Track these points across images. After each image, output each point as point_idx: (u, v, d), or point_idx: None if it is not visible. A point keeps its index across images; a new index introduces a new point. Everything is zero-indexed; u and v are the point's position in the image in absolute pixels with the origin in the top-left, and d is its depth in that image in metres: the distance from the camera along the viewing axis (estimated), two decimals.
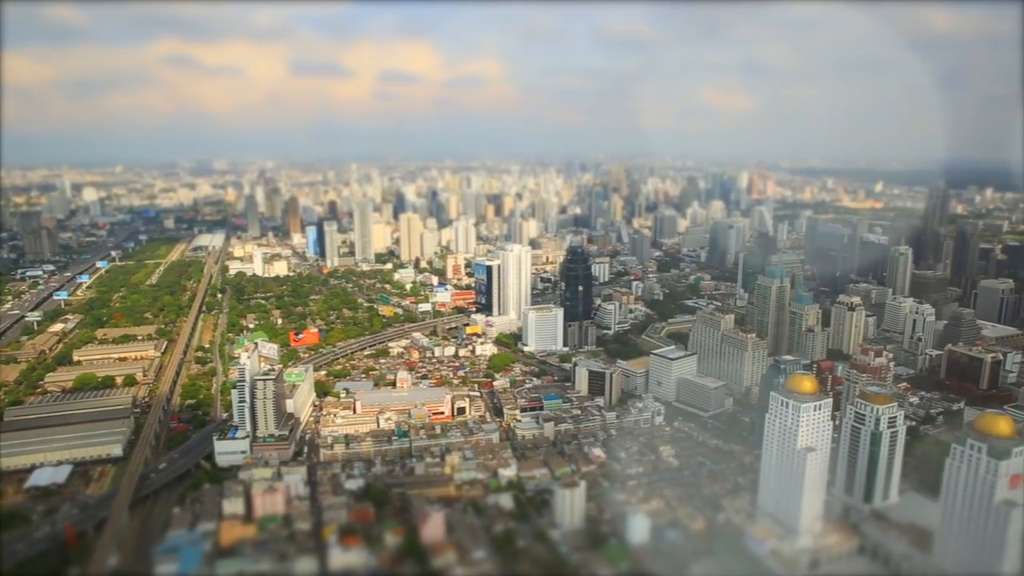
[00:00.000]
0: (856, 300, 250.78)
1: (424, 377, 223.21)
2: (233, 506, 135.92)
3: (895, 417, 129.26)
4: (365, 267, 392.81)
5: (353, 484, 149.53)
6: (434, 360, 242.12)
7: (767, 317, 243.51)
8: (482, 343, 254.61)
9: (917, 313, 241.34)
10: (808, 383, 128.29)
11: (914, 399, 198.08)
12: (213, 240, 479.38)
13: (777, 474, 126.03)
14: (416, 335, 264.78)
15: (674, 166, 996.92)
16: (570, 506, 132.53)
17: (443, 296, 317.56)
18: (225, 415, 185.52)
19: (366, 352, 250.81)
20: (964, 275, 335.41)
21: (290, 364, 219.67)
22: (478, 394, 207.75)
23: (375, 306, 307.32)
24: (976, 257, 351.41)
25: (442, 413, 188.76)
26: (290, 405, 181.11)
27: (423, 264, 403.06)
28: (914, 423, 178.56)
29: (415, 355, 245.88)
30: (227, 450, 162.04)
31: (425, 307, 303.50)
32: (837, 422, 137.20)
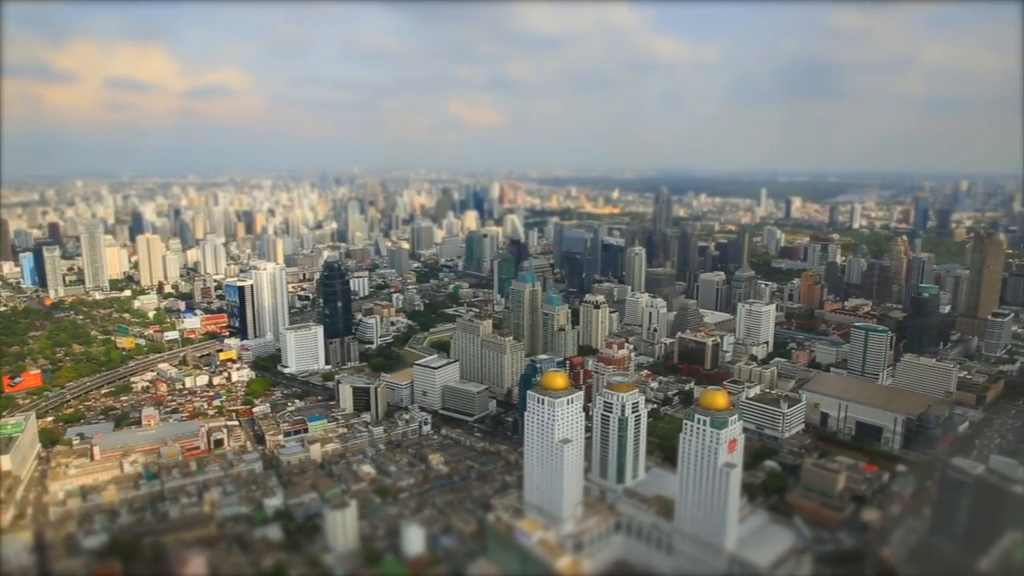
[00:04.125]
0: (600, 299, 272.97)
1: (175, 411, 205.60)
2: None
3: (637, 403, 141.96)
4: (98, 296, 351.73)
5: (94, 540, 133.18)
6: (185, 391, 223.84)
7: (522, 320, 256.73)
8: (238, 369, 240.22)
9: (652, 306, 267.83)
10: (560, 379, 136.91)
11: (654, 384, 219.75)
12: None
13: (539, 468, 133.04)
14: (163, 366, 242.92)
15: (429, 178, 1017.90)
16: (342, 528, 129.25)
17: (192, 322, 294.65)
18: None
19: (104, 390, 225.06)
20: (688, 270, 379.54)
21: (5, 414, 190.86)
22: (237, 423, 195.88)
23: (112, 338, 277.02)
24: (696, 254, 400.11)
25: (197, 448, 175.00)
26: (6, 462, 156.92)
27: (168, 289, 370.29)
28: (655, 406, 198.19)
29: (163, 388, 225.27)
30: None
31: (172, 335, 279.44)
32: (591, 412, 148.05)
